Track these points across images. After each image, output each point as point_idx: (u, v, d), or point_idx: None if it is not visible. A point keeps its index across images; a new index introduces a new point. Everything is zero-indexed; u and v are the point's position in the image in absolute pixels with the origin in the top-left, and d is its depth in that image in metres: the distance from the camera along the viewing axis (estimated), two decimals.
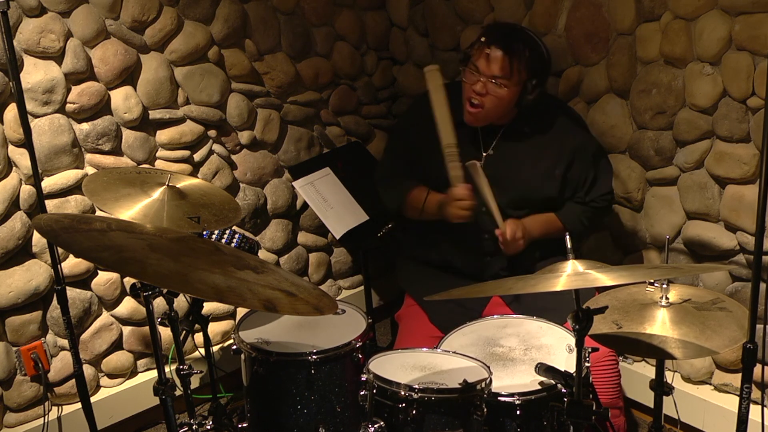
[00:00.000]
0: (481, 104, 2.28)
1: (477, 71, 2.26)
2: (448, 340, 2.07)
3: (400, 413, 1.74)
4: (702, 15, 2.27)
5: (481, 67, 2.25)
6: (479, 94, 2.27)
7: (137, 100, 2.56)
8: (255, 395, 2.13)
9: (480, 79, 2.25)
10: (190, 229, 1.89)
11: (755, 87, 2.19)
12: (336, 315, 2.18)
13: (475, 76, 2.27)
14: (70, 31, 2.39)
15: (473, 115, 2.32)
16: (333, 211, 2.81)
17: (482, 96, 2.27)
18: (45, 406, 2.51)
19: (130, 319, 2.67)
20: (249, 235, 2.78)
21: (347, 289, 3.32)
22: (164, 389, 1.88)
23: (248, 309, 2.24)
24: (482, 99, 2.27)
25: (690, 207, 2.46)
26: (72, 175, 2.45)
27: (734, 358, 2.42)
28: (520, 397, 1.79)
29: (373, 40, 3.25)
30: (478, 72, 2.26)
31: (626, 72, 2.50)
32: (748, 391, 1.75)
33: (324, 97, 3.11)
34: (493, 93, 2.26)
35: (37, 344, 2.48)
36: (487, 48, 2.24)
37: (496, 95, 2.26)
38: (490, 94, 2.26)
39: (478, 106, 2.29)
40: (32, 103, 2.33)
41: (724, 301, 1.81)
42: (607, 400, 2.21)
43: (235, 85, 2.81)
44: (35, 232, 2.41)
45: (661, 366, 1.87)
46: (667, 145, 2.46)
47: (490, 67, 2.23)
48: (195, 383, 2.82)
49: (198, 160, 2.75)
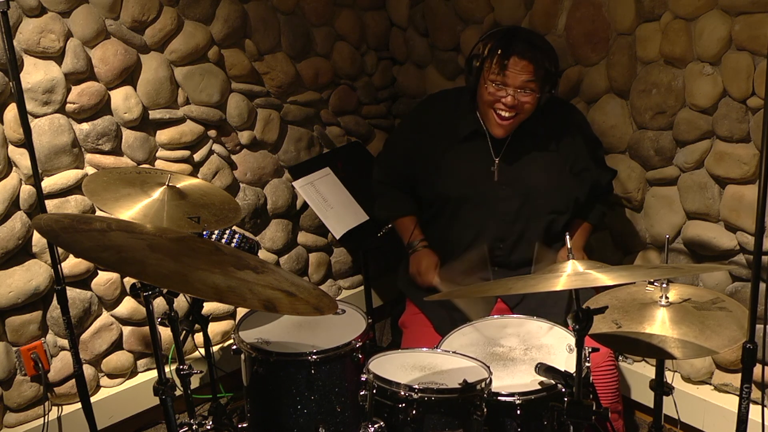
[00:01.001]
0: (513, 116, 2.25)
1: (504, 84, 2.21)
2: (448, 340, 2.07)
3: (400, 413, 1.74)
4: (702, 15, 2.27)
5: (509, 80, 2.19)
6: (512, 107, 2.23)
7: (137, 100, 2.56)
8: (255, 395, 2.13)
9: (509, 92, 2.20)
10: (190, 229, 1.89)
11: (755, 87, 2.19)
12: (336, 315, 2.18)
13: (501, 90, 2.21)
14: (70, 31, 2.39)
15: (504, 128, 2.28)
16: (333, 211, 2.81)
17: (513, 107, 2.23)
18: (45, 406, 2.51)
19: (130, 319, 2.67)
20: (249, 235, 2.78)
21: (347, 289, 3.32)
22: (164, 389, 1.88)
23: (248, 309, 2.24)
24: (513, 110, 2.24)
25: (690, 207, 2.46)
26: (72, 175, 2.45)
27: (734, 358, 2.42)
28: (520, 397, 1.79)
29: (373, 40, 3.25)
30: (505, 85, 2.20)
31: (626, 72, 2.50)
32: (748, 391, 1.75)
33: (324, 97, 3.11)
34: (524, 101, 2.23)
35: (37, 344, 2.48)
36: (510, 59, 2.18)
37: (526, 102, 2.23)
38: (520, 102, 2.23)
39: (509, 118, 2.26)
40: (32, 103, 2.34)
41: (724, 301, 1.81)
42: (605, 404, 2.20)
43: (235, 85, 2.81)
44: (35, 232, 2.41)
45: (661, 366, 1.87)
46: (667, 145, 2.46)
47: (519, 77, 2.19)
48: (195, 383, 2.82)
49: (198, 160, 2.75)
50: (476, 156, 2.37)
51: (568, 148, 2.38)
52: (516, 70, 2.19)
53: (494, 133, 2.30)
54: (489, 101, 2.25)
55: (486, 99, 2.26)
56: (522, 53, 2.18)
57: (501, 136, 2.31)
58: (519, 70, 2.19)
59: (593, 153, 2.43)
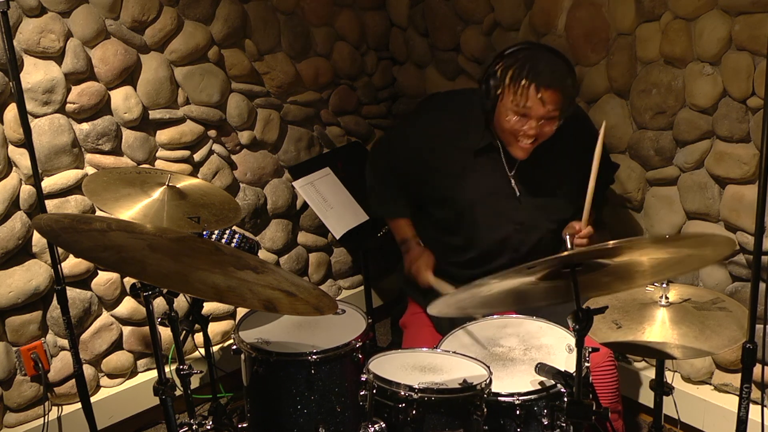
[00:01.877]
0: (535, 141, 2.16)
1: (526, 116, 2.09)
2: (448, 340, 2.07)
3: (400, 413, 1.74)
4: (702, 15, 2.27)
5: (532, 112, 2.07)
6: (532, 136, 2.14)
7: (137, 100, 2.56)
8: (255, 395, 2.13)
9: (530, 120, 2.10)
10: (190, 229, 1.89)
11: (755, 87, 2.19)
12: (336, 315, 2.17)
13: (523, 120, 2.10)
14: (70, 31, 2.39)
15: (526, 152, 2.19)
16: (333, 211, 2.81)
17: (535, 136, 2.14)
18: (45, 406, 2.51)
19: (130, 319, 2.67)
20: (249, 235, 2.78)
21: (347, 289, 3.32)
22: (164, 389, 1.88)
23: (248, 309, 2.24)
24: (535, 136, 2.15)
25: (690, 207, 2.46)
26: (72, 175, 2.45)
27: (734, 358, 2.42)
28: (520, 397, 1.79)
29: (373, 40, 3.25)
30: (527, 117, 2.09)
31: (626, 72, 2.50)
32: (747, 391, 1.75)
33: (324, 97, 3.11)
34: (547, 127, 2.14)
35: (37, 344, 2.48)
36: (538, 90, 2.04)
37: (549, 128, 2.15)
38: (543, 132, 2.14)
39: (532, 143, 2.16)
40: (32, 103, 2.34)
41: (724, 301, 1.82)
42: (605, 404, 2.20)
43: (235, 85, 2.81)
44: (35, 232, 2.41)
45: (661, 366, 1.87)
46: (667, 145, 2.46)
47: (543, 108, 2.07)
48: (195, 383, 2.82)
49: (198, 160, 2.75)
50: (492, 167, 2.31)
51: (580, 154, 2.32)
52: (541, 102, 2.06)
53: (516, 156, 2.22)
54: (509, 130, 2.16)
55: (505, 127, 2.16)
56: (548, 84, 2.04)
57: (523, 158, 2.23)
58: (548, 101, 2.06)
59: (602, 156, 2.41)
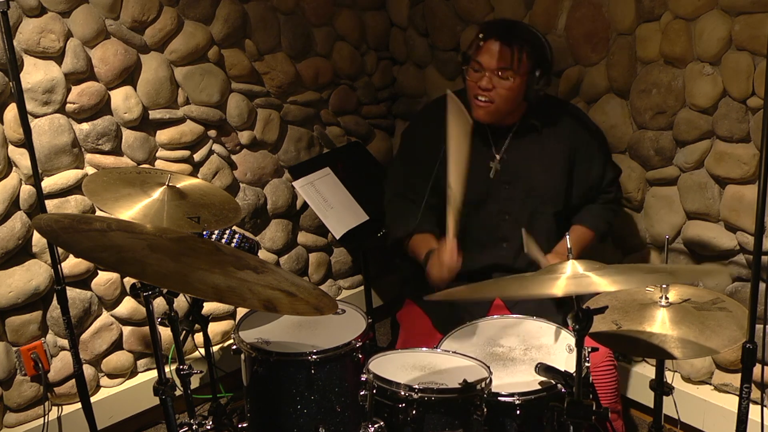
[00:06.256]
0: (490, 99, 2.26)
1: (480, 67, 2.24)
2: (447, 340, 2.07)
3: (400, 413, 1.74)
4: (702, 15, 2.27)
5: (484, 62, 2.23)
6: (486, 90, 2.25)
7: (137, 100, 2.56)
8: (255, 395, 2.13)
9: (485, 75, 2.23)
10: (190, 229, 1.89)
11: (755, 87, 2.19)
12: (336, 315, 2.18)
13: (478, 72, 2.25)
14: (70, 31, 2.39)
15: (483, 109, 2.28)
16: (333, 211, 2.81)
17: (489, 91, 2.24)
18: (45, 406, 2.51)
19: (130, 319, 2.67)
20: (249, 235, 2.78)
21: (347, 289, 3.32)
22: (164, 389, 1.88)
23: (248, 309, 2.24)
24: (490, 94, 2.25)
25: (690, 207, 2.46)
26: (72, 175, 2.45)
27: (734, 358, 2.42)
28: (520, 397, 1.79)
29: (373, 40, 3.25)
30: (481, 68, 2.24)
31: (626, 72, 2.50)
32: (747, 391, 1.75)
33: (324, 97, 3.11)
34: (500, 86, 2.23)
35: (37, 344, 2.48)
36: (487, 42, 2.23)
37: (503, 88, 2.24)
38: (497, 88, 2.24)
39: (487, 102, 2.27)
40: (32, 103, 2.34)
41: (724, 301, 1.81)
42: (605, 404, 2.20)
43: (235, 85, 2.81)
44: (35, 232, 2.41)
45: (661, 366, 1.87)
46: (667, 145, 2.46)
47: (493, 59, 2.21)
48: (195, 383, 2.82)
49: (198, 160, 2.75)
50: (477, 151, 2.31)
51: (569, 142, 2.36)
52: (492, 53, 2.21)
53: (474, 115, 2.27)
54: (470, 88, 2.28)
55: (469, 86, 2.28)
56: (499, 37, 2.21)
57: (481, 119, 2.28)
58: (494, 52, 2.21)
59: (599, 142, 2.42)
